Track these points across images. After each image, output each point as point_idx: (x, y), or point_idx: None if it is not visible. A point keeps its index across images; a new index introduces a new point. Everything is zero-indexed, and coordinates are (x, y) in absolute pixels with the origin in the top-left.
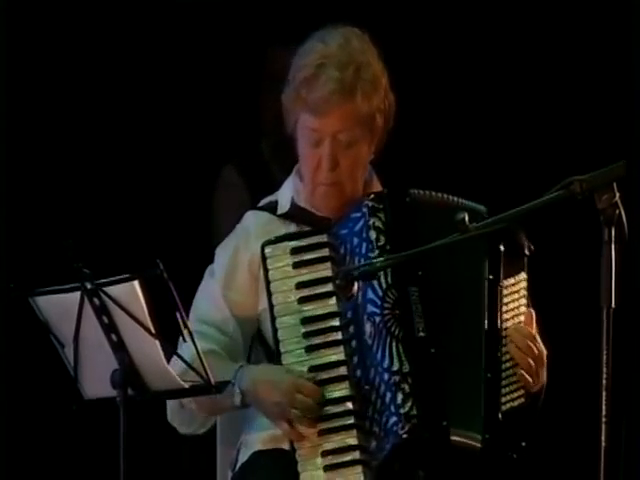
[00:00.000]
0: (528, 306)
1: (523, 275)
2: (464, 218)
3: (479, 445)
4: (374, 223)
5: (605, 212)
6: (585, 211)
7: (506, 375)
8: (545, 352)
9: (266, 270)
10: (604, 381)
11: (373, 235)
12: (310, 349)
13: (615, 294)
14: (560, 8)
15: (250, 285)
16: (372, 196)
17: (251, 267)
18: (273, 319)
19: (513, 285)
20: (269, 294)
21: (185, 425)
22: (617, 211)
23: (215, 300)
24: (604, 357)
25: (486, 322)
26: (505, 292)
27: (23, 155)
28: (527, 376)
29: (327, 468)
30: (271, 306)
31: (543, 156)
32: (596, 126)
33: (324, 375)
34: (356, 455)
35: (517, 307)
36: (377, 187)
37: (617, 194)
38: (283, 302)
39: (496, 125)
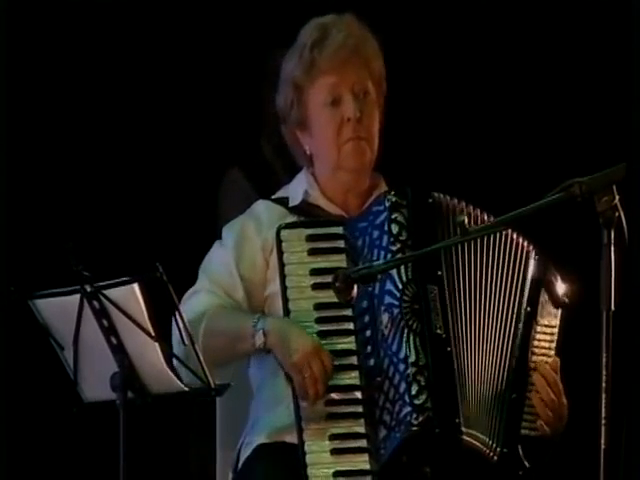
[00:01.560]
0: (554, 352)
1: (556, 322)
2: (464, 220)
3: (485, 449)
4: (396, 217)
5: (605, 214)
6: (585, 213)
7: (529, 404)
8: (565, 404)
9: (281, 253)
10: (604, 383)
11: (395, 229)
12: (322, 335)
13: (615, 297)
14: (560, 10)
15: (260, 264)
16: (394, 192)
17: (264, 252)
18: (286, 301)
19: (546, 326)
20: (283, 276)
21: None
22: (617, 214)
23: (227, 266)
24: (604, 359)
25: (518, 348)
26: (538, 329)
27: (23, 157)
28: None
29: (334, 451)
30: (284, 288)
31: (543, 158)
32: (596, 128)
33: (334, 362)
34: (363, 443)
35: (547, 348)
36: (384, 189)
37: (617, 197)
38: (297, 285)
39: (496, 128)
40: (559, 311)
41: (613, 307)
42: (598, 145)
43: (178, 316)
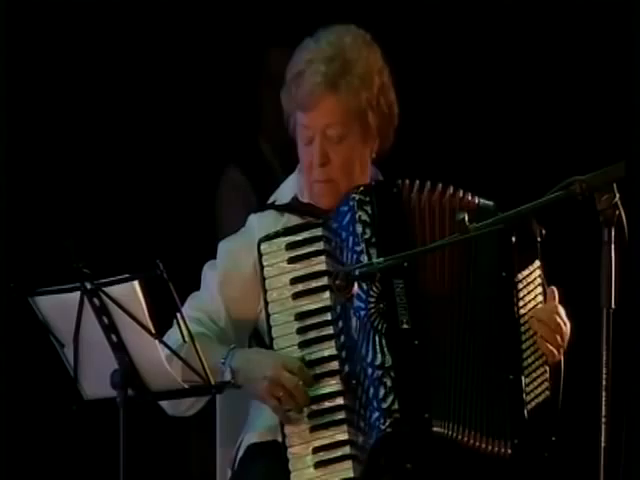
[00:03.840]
0: (544, 289)
1: (537, 263)
2: (464, 218)
3: (454, 434)
4: (360, 217)
5: (605, 213)
6: (585, 212)
7: (528, 372)
8: (568, 324)
9: (262, 267)
10: (604, 381)
11: (359, 229)
12: (303, 345)
13: (615, 295)
14: (560, 8)
15: (251, 285)
16: (360, 189)
17: (256, 268)
18: (268, 316)
19: (528, 276)
20: (264, 291)
21: (173, 406)
22: (617, 212)
23: (211, 292)
24: (604, 357)
25: (502, 321)
26: (520, 286)
27: (24, 155)
28: (553, 349)
29: (318, 465)
30: (266, 303)
31: (543, 156)
32: (596, 126)
33: (317, 370)
34: (346, 450)
35: (534, 297)
36: None
37: (617, 195)
38: (278, 299)
39: (497, 126)
40: (537, 248)
41: (613, 305)
42: (598, 143)
43: (178, 313)
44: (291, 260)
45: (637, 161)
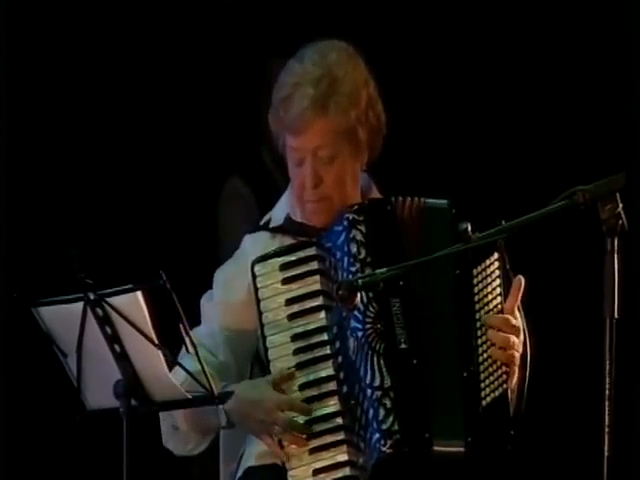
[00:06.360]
0: (507, 281)
1: (495, 256)
2: (467, 228)
3: (462, 450)
4: (355, 236)
5: (608, 222)
6: (588, 221)
7: (484, 367)
8: (521, 326)
9: (256, 289)
10: (607, 391)
11: (354, 249)
12: (300, 366)
13: (618, 304)
14: (560, 18)
15: (248, 309)
16: (354, 208)
17: (250, 291)
18: (264, 338)
19: (485, 269)
20: (259, 313)
21: (180, 447)
22: (620, 221)
23: (209, 326)
24: (607, 367)
25: (457, 319)
26: (476, 281)
27: (26, 164)
28: (511, 365)
29: None
30: (261, 325)
31: (546, 166)
32: (598, 136)
33: (315, 391)
34: (346, 471)
35: (491, 291)
36: (376, 195)
37: (620, 204)
38: (273, 320)
39: (499, 135)
40: (495, 242)
41: (616, 315)
42: (600, 153)
43: (181, 324)
44: (285, 281)
45: (637, 171)
